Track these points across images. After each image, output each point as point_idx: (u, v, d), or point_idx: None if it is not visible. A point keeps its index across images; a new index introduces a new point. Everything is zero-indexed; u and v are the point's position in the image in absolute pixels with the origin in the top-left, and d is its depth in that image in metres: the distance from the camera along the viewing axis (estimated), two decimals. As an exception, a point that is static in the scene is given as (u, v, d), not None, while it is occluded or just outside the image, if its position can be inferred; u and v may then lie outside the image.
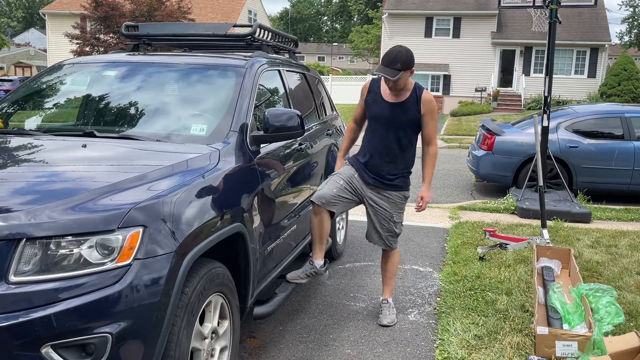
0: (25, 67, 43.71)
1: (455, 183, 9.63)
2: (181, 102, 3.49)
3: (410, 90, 3.58)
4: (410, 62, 3.45)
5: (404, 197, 3.78)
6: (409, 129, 3.61)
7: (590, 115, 8.26)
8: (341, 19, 66.39)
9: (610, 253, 5.36)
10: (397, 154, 3.67)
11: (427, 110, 3.57)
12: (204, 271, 2.49)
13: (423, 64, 28.36)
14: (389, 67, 3.41)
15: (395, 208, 3.74)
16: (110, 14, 21.21)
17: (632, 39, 52.26)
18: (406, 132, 3.62)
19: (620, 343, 3.08)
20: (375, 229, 3.77)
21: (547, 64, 6.80)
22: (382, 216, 3.73)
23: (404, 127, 3.59)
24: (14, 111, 3.64)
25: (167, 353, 2.25)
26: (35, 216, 2.04)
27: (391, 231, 3.76)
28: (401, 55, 3.43)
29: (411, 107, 3.56)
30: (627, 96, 24.23)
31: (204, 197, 2.55)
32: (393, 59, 3.41)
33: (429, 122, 3.60)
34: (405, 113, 3.57)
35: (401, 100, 3.57)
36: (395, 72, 3.39)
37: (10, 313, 1.92)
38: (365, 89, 3.74)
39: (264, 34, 4.23)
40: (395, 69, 3.39)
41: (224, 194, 2.73)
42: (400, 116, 3.57)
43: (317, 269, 3.70)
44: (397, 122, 3.58)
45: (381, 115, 3.61)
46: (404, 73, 3.43)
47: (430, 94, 3.65)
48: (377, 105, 3.63)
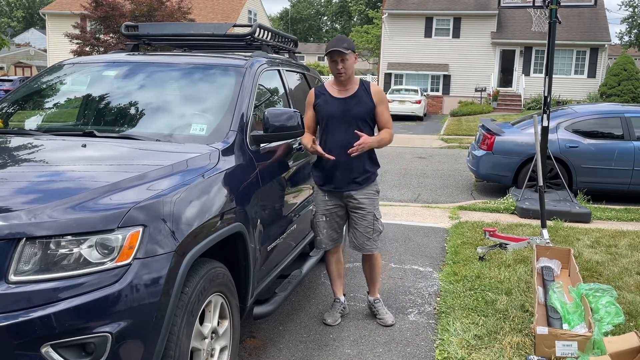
0: (25, 67, 43.72)
1: (455, 183, 9.63)
2: (181, 101, 3.49)
3: (357, 83, 3.63)
4: (354, 47, 3.56)
5: (377, 192, 3.74)
6: (366, 120, 3.59)
7: (590, 115, 8.26)
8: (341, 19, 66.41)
9: (610, 253, 5.36)
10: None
11: (379, 100, 3.61)
12: (203, 271, 2.49)
13: (423, 64, 28.38)
14: (337, 46, 3.46)
15: (373, 205, 3.70)
16: (110, 14, 21.21)
17: (632, 39, 52.25)
18: (364, 124, 3.58)
19: (620, 343, 3.08)
20: (364, 234, 3.70)
21: (547, 64, 6.80)
22: (366, 219, 3.67)
23: (361, 118, 3.57)
24: (14, 111, 3.64)
25: (167, 353, 2.25)
26: (35, 216, 2.04)
27: (377, 230, 3.73)
28: (346, 38, 3.57)
29: (363, 97, 3.58)
30: (627, 96, 24.24)
31: (204, 196, 2.55)
32: (338, 39, 3.51)
33: (384, 112, 3.63)
34: (358, 105, 3.57)
35: (351, 93, 3.59)
36: (345, 49, 3.45)
37: (10, 312, 1.92)
38: (312, 96, 3.69)
39: (263, 34, 4.23)
40: (344, 47, 3.46)
41: (224, 193, 2.73)
42: (354, 108, 3.56)
43: (344, 305, 3.95)
44: (353, 114, 3.56)
45: (334, 112, 3.58)
46: (352, 54, 3.51)
47: (378, 86, 3.76)
48: (329, 105, 3.61)
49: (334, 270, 3.92)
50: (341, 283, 3.98)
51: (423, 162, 12.05)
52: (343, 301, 3.94)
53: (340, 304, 3.91)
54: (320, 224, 3.76)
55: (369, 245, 3.73)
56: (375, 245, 3.75)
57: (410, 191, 8.77)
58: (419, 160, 12.25)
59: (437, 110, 27.88)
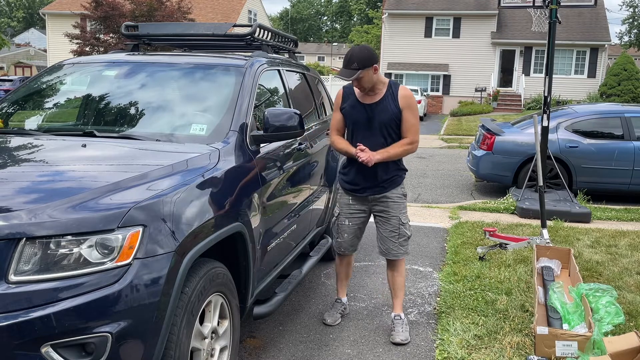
0: (25, 67, 43.70)
1: (455, 183, 9.63)
2: (181, 101, 3.49)
3: (384, 88, 3.47)
4: (368, 60, 3.32)
5: (403, 195, 3.65)
6: (392, 127, 3.48)
7: (590, 115, 8.26)
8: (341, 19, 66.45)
9: (610, 253, 5.36)
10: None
11: (406, 105, 3.43)
12: (203, 271, 2.49)
13: (423, 64, 28.39)
14: (346, 68, 3.33)
15: (399, 209, 3.60)
16: (110, 14, 21.20)
17: (632, 39, 52.24)
18: (390, 131, 3.48)
19: (620, 343, 3.08)
20: (389, 239, 3.61)
21: (547, 64, 6.80)
22: (391, 223, 3.59)
23: (386, 125, 3.46)
24: (14, 111, 3.64)
25: (167, 353, 2.25)
26: (35, 215, 2.04)
27: (403, 235, 3.62)
28: (357, 54, 3.33)
29: (389, 104, 3.44)
30: (627, 96, 24.25)
31: (204, 196, 2.55)
32: (349, 59, 3.33)
33: (409, 118, 3.45)
34: (384, 111, 3.44)
35: (377, 99, 3.46)
36: (352, 72, 3.30)
37: (10, 312, 1.92)
38: (339, 97, 3.62)
39: (263, 33, 4.23)
40: (352, 69, 3.30)
41: (224, 193, 2.73)
42: (380, 116, 3.45)
43: (345, 305, 3.95)
44: (379, 122, 3.46)
45: (361, 118, 3.50)
46: (363, 72, 3.32)
47: (408, 90, 3.52)
48: (356, 110, 3.52)
49: (343, 272, 3.91)
50: (346, 284, 3.99)
51: (423, 162, 12.05)
52: (345, 302, 3.94)
53: (342, 304, 3.91)
54: (342, 227, 3.72)
55: (394, 250, 3.62)
56: (402, 251, 3.63)
57: (410, 191, 8.76)
58: (419, 160, 12.25)
59: (437, 110, 27.89)
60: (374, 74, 3.38)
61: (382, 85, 3.48)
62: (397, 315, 3.70)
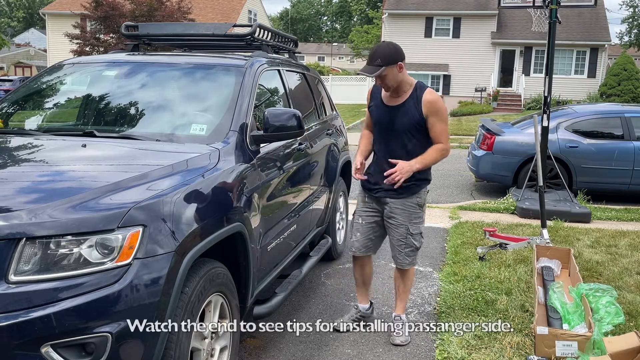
0: (25, 67, 43.69)
1: (455, 183, 9.63)
2: (181, 101, 3.49)
3: (410, 90, 3.33)
4: (393, 57, 3.20)
5: (418, 205, 3.46)
6: (413, 133, 3.33)
7: (590, 115, 8.26)
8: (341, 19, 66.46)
9: (610, 253, 5.36)
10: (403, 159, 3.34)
11: (431, 111, 3.27)
12: (203, 271, 2.49)
13: (423, 64, 28.36)
14: (369, 64, 3.21)
15: (409, 218, 3.45)
16: (110, 14, 21.19)
17: (632, 39, 52.24)
18: (411, 136, 3.34)
19: (620, 343, 3.09)
20: (396, 247, 3.51)
21: (547, 64, 6.80)
22: (398, 231, 3.47)
23: (406, 131, 3.33)
24: (14, 111, 3.64)
25: (167, 353, 2.25)
26: (35, 216, 2.04)
27: (410, 245, 3.48)
28: (381, 49, 3.22)
29: (411, 108, 3.30)
30: (627, 96, 24.23)
31: (204, 196, 2.55)
32: (373, 54, 3.22)
33: (435, 124, 3.29)
34: (404, 116, 3.31)
35: (400, 102, 3.34)
36: (375, 68, 3.18)
37: (10, 312, 1.92)
38: (369, 94, 3.56)
39: (263, 33, 4.23)
40: (375, 65, 3.18)
41: (224, 193, 2.73)
42: (400, 120, 3.32)
43: (364, 313, 3.73)
44: (397, 126, 3.34)
45: (381, 120, 3.42)
46: (387, 69, 3.19)
47: (434, 94, 3.36)
48: (378, 111, 3.44)
49: (358, 276, 3.75)
50: (365, 290, 3.78)
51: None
52: (362, 309, 3.75)
53: (357, 311, 3.75)
54: (356, 225, 3.63)
55: (400, 259, 3.52)
56: (407, 261, 3.51)
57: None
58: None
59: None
60: (398, 72, 3.24)
61: (409, 86, 3.34)
62: (398, 317, 3.69)
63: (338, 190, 4.96)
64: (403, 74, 3.29)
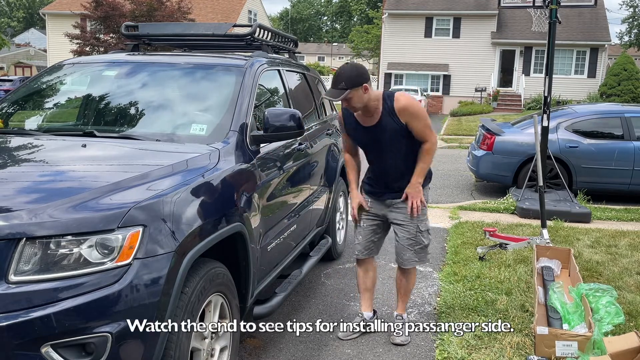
0: (25, 67, 43.69)
1: (455, 183, 9.63)
2: (181, 101, 3.49)
3: (380, 105, 3.25)
4: (357, 79, 3.12)
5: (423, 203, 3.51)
6: (400, 140, 3.31)
7: (590, 115, 8.26)
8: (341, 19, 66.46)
9: (610, 253, 5.36)
10: (402, 169, 3.40)
11: (408, 116, 3.23)
12: (203, 271, 2.49)
13: (423, 64, 28.38)
14: (334, 87, 3.16)
15: (417, 216, 3.46)
16: (110, 14, 21.21)
17: (632, 39, 52.23)
18: (399, 145, 3.33)
19: (620, 343, 3.09)
20: (405, 247, 3.48)
21: (547, 64, 6.79)
22: (408, 230, 3.45)
23: (393, 143, 3.31)
24: (14, 111, 3.64)
25: (167, 353, 2.25)
26: (35, 216, 2.04)
27: (420, 243, 3.48)
28: (345, 73, 3.15)
29: (389, 122, 3.25)
30: (627, 96, 24.23)
31: (204, 196, 2.55)
32: (337, 77, 3.16)
33: (415, 124, 3.25)
34: (385, 132, 3.28)
35: (376, 121, 3.28)
36: (339, 91, 3.12)
37: (10, 312, 1.92)
38: (341, 119, 3.50)
39: (263, 33, 4.23)
40: (340, 89, 3.12)
41: (224, 193, 2.73)
42: (383, 136, 3.31)
43: (368, 321, 3.66)
44: (383, 143, 3.33)
45: (365, 141, 3.42)
46: (352, 91, 3.12)
47: (404, 97, 3.26)
48: (358, 133, 3.41)
49: (361, 282, 3.71)
50: (368, 297, 3.72)
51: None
52: (366, 316, 3.68)
53: (361, 318, 3.67)
54: (359, 228, 3.64)
55: (407, 257, 3.49)
56: (416, 259, 3.50)
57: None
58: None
59: (437, 110, 27.88)
60: (364, 93, 3.17)
61: (377, 102, 3.26)
62: (399, 316, 3.70)
63: (338, 190, 4.96)
64: (369, 94, 3.21)
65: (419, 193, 3.39)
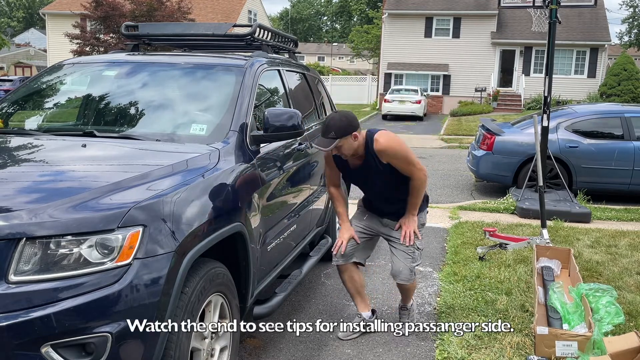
0: (25, 67, 43.69)
1: (455, 183, 9.63)
2: (181, 101, 3.49)
3: (364, 147, 3.29)
4: (347, 128, 3.16)
5: (422, 225, 3.55)
6: (389, 177, 3.34)
7: (590, 115, 8.26)
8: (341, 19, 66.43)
9: (610, 253, 5.36)
10: (395, 198, 3.47)
11: (388, 158, 3.25)
12: (203, 271, 2.49)
13: (423, 64, 28.38)
14: (323, 136, 3.21)
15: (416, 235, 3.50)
16: (110, 14, 21.20)
17: (632, 39, 52.23)
18: (389, 181, 3.36)
19: (620, 343, 3.09)
20: (401, 262, 3.48)
21: (547, 64, 6.80)
22: (407, 247, 3.46)
23: (382, 179, 3.36)
24: (14, 111, 3.64)
25: (167, 353, 2.25)
26: (35, 216, 2.04)
27: (417, 260, 3.52)
28: (334, 122, 3.18)
29: (374, 163, 3.30)
30: (627, 96, 24.23)
31: (204, 196, 2.55)
32: (326, 127, 3.20)
33: (397, 163, 3.27)
34: (371, 171, 3.34)
35: (362, 161, 3.34)
36: (329, 141, 3.16)
37: (10, 312, 1.92)
38: (329, 157, 3.49)
39: (263, 33, 4.23)
40: (329, 138, 3.17)
41: (224, 193, 2.73)
42: (371, 175, 3.37)
43: (368, 321, 3.65)
44: (374, 178, 3.38)
45: (357, 178, 3.50)
46: (342, 140, 3.16)
47: (383, 137, 3.25)
48: (347, 172, 3.48)
49: (349, 287, 3.68)
50: (361, 299, 3.70)
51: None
52: (365, 316, 3.67)
53: (360, 318, 3.67)
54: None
55: (406, 274, 3.47)
56: (412, 277, 3.52)
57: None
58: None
59: (437, 110, 27.88)
60: (354, 140, 3.20)
61: (362, 146, 3.29)
62: (404, 307, 3.75)
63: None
64: (359, 140, 3.24)
65: (413, 223, 3.46)
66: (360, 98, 31.58)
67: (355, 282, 3.66)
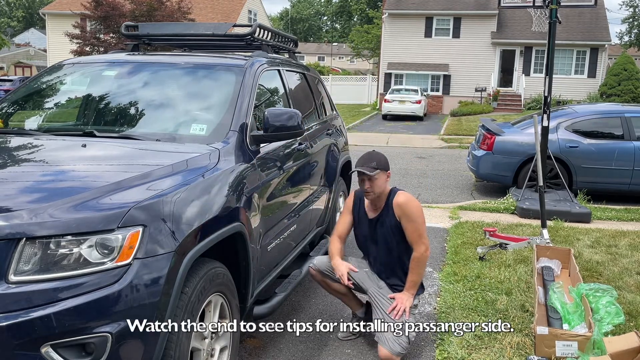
0: (25, 67, 43.69)
1: (455, 183, 9.63)
2: (181, 101, 3.49)
3: (385, 199, 3.39)
4: (386, 165, 3.36)
5: (414, 306, 3.42)
6: (394, 239, 3.37)
7: (590, 115, 8.26)
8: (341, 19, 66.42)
9: (610, 253, 5.36)
10: (395, 264, 3.45)
11: (401, 214, 3.30)
12: (203, 271, 2.49)
13: (423, 64, 28.37)
14: (366, 164, 3.30)
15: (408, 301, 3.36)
16: (110, 14, 21.21)
17: (632, 39, 52.25)
18: (393, 243, 3.39)
19: (620, 343, 3.09)
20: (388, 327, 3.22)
21: (547, 64, 6.79)
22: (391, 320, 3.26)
23: (388, 239, 3.39)
24: (14, 111, 3.64)
25: (167, 353, 2.25)
26: (35, 216, 2.04)
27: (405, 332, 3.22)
28: (377, 156, 3.37)
29: (387, 216, 3.36)
30: (627, 96, 24.22)
31: (204, 196, 2.55)
32: (369, 157, 3.34)
33: (407, 226, 3.29)
34: (383, 225, 3.38)
35: (378, 213, 3.41)
36: (372, 169, 3.27)
37: (10, 312, 1.92)
38: (351, 200, 3.56)
39: (263, 33, 4.23)
40: (372, 167, 3.28)
41: (224, 193, 2.73)
42: (381, 230, 3.41)
43: (364, 317, 3.65)
44: (380, 236, 3.42)
45: (367, 232, 3.49)
46: (381, 173, 3.31)
47: (405, 196, 3.33)
48: (362, 223, 3.50)
49: (331, 291, 3.64)
50: (349, 298, 3.65)
51: (423, 162, 12.05)
52: (360, 314, 3.65)
53: (356, 317, 3.65)
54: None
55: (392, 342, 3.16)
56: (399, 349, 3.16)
57: (410, 191, 8.68)
58: (419, 160, 12.25)
59: (437, 110, 27.88)
60: (386, 180, 3.37)
61: (385, 196, 3.40)
62: None
63: (338, 190, 4.96)
64: (387, 184, 3.38)
65: (407, 301, 3.32)
66: (360, 98, 31.57)
67: (334, 285, 3.57)
